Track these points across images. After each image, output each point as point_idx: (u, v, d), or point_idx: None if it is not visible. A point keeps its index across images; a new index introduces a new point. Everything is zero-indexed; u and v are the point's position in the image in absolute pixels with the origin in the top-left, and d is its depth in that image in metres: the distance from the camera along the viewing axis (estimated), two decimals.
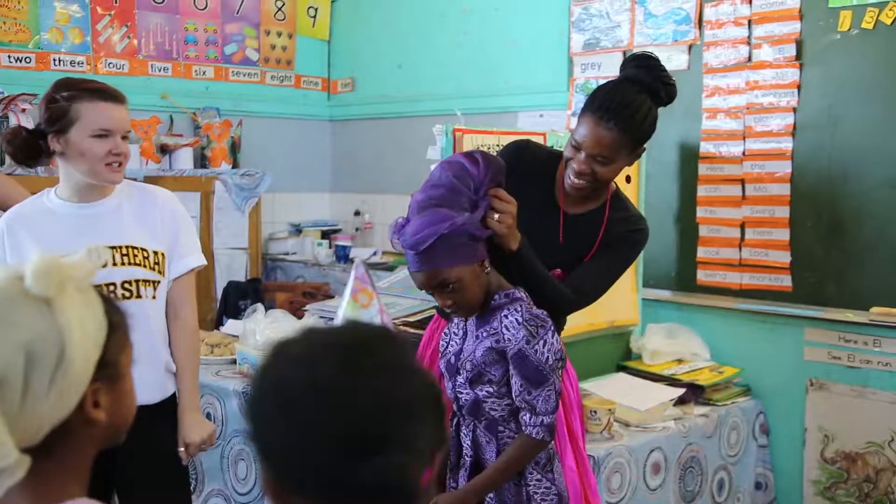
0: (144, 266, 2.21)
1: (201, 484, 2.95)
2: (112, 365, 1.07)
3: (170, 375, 2.28)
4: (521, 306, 1.92)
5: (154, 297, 2.22)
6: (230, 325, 3.52)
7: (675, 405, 2.90)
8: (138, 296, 2.19)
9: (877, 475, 2.95)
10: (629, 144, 2.07)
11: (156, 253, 2.23)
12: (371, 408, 0.94)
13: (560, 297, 2.12)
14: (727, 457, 3.06)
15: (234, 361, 3.05)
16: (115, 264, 2.15)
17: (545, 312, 1.96)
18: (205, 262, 2.38)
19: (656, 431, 2.78)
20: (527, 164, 2.20)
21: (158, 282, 2.23)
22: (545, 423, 1.90)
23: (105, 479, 2.15)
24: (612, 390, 2.88)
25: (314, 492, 0.96)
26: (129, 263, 2.18)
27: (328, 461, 0.94)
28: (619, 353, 3.29)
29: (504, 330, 1.90)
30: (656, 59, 2.13)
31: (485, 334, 1.94)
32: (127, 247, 2.19)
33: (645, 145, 2.14)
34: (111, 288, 2.14)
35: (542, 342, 1.88)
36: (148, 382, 2.10)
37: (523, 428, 1.92)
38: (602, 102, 2.06)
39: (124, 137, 2.15)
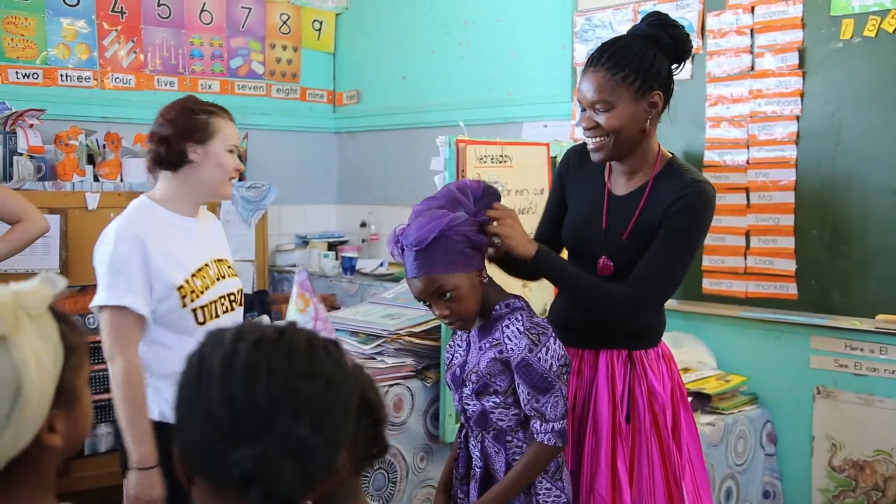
0: (236, 276, 2.37)
1: None
2: (68, 390, 1.06)
3: None
4: (521, 315, 1.93)
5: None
6: None
7: None
8: (241, 304, 2.34)
9: (885, 483, 2.94)
10: (626, 85, 1.96)
11: (232, 266, 2.39)
12: (259, 399, 0.95)
13: (616, 299, 1.99)
14: (734, 465, 3.06)
15: None
16: (228, 276, 2.30)
17: (546, 320, 1.97)
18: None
19: None
20: (585, 155, 2.14)
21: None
22: (556, 429, 1.90)
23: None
24: None
25: (200, 469, 0.99)
26: (231, 276, 2.33)
27: (209, 438, 0.96)
28: None
29: (506, 340, 1.91)
30: (658, 13, 2.06)
31: (488, 345, 1.95)
32: (223, 259, 2.34)
33: (660, 92, 2.00)
34: (231, 298, 2.28)
35: (544, 349, 1.89)
36: None
37: (535, 435, 1.92)
38: (591, 55, 2.04)
39: None
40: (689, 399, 2.94)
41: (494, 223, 1.96)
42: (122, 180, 4.01)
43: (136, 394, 2.08)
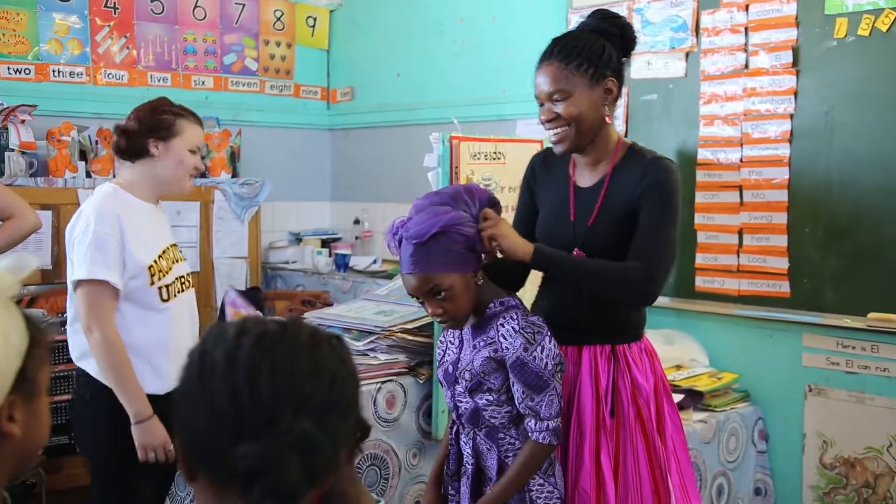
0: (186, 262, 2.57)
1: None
2: (30, 380, 1.03)
3: None
4: (516, 314, 1.93)
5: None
6: None
7: None
8: (192, 286, 2.55)
9: (875, 481, 2.95)
10: (580, 73, 2.03)
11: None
12: (263, 394, 0.94)
13: (630, 274, 1.99)
14: (726, 462, 3.06)
15: None
16: (179, 261, 2.50)
17: (541, 319, 1.97)
18: None
19: None
20: (549, 159, 2.21)
21: None
22: (550, 427, 1.91)
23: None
24: None
25: (205, 467, 0.97)
26: (183, 260, 2.54)
27: (212, 434, 0.95)
28: None
29: (501, 339, 1.91)
30: (602, 9, 2.17)
31: (482, 343, 1.95)
32: (176, 244, 2.54)
33: (613, 79, 2.06)
34: (183, 280, 2.48)
35: (540, 348, 1.89)
36: None
37: (530, 434, 1.92)
38: (542, 52, 2.13)
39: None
40: (681, 396, 2.95)
41: (487, 228, 1.95)
42: (114, 176, 3.99)
43: (119, 357, 2.28)
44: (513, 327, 1.90)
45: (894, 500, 2.91)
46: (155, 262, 2.37)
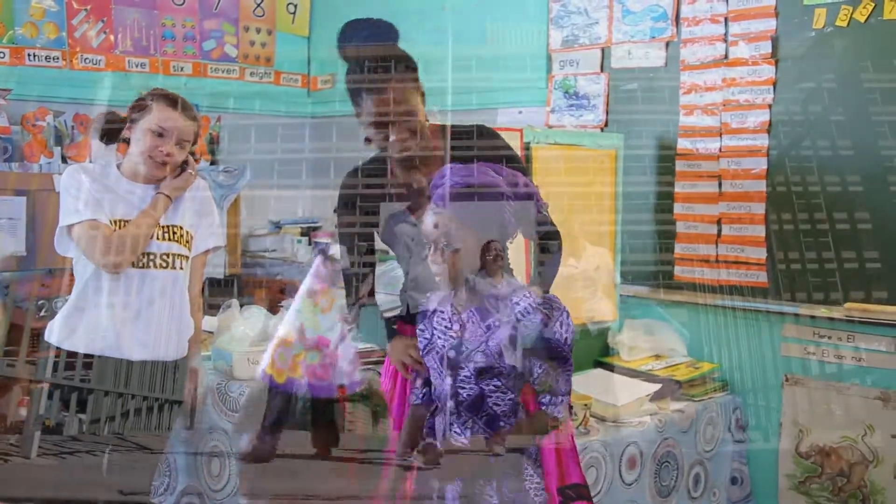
0: (181, 243, 2.53)
1: (174, 481, 2.93)
2: None
3: (186, 339, 2.58)
4: (529, 292, 1.91)
5: (183, 269, 2.54)
6: (207, 322, 3.49)
7: (651, 400, 2.91)
8: (173, 267, 2.51)
9: (850, 469, 2.98)
10: (416, 84, 2.20)
11: (188, 232, 2.56)
12: None
13: (559, 251, 2.22)
14: (703, 452, 3.07)
15: (209, 358, 3.02)
16: (157, 238, 2.47)
17: (556, 296, 1.96)
18: (221, 244, 2.72)
19: (633, 426, 2.78)
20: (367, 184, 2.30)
21: (188, 257, 2.56)
22: (564, 402, 1.91)
23: None
24: (589, 386, 2.88)
25: None
26: (170, 240, 2.50)
27: None
28: (596, 349, 3.29)
29: (519, 316, 1.89)
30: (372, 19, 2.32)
31: (497, 323, 1.92)
32: (169, 226, 2.51)
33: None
34: (151, 257, 2.47)
35: (558, 324, 1.88)
36: (173, 342, 2.53)
37: (541, 406, 1.91)
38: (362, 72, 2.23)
39: (182, 146, 2.48)
40: (659, 386, 2.96)
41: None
42: (90, 162, 3.94)
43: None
44: (530, 304, 1.89)
45: (868, 489, 2.94)
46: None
